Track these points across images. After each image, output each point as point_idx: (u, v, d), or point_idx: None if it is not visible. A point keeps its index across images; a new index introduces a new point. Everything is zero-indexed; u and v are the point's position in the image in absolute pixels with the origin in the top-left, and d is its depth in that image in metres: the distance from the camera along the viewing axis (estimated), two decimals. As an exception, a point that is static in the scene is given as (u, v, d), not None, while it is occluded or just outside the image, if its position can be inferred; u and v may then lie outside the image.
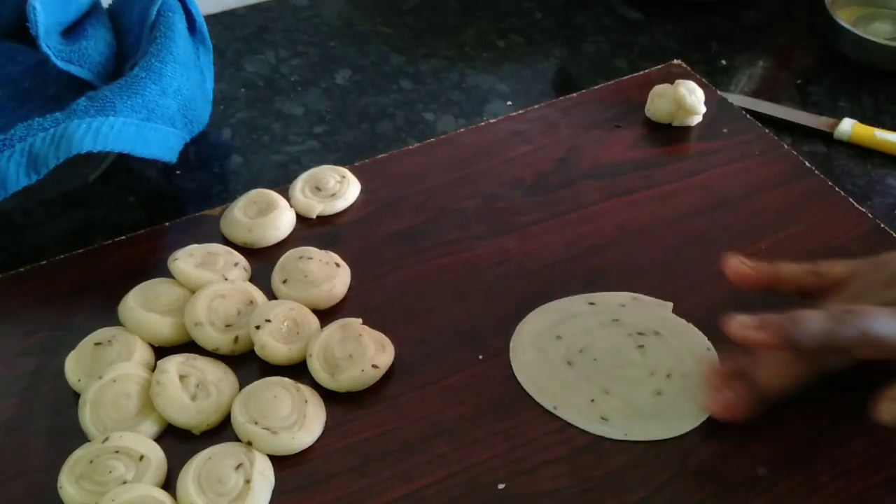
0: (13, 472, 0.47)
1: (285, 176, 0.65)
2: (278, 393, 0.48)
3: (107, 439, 0.46)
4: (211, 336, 0.51)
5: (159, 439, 0.47)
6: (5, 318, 0.55)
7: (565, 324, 0.52)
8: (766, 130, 0.66)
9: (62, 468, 0.45)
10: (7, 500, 0.46)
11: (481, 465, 0.46)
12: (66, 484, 0.44)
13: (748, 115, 0.67)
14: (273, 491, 0.45)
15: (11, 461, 0.47)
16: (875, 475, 0.45)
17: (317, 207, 0.60)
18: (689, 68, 0.71)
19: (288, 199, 0.60)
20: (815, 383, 0.47)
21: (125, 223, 0.62)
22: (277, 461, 0.46)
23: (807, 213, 0.59)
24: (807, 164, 0.63)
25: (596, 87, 0.70)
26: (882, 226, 0.58)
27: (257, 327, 0.50)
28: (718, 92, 0.69)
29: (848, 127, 0.66)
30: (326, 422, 0.48)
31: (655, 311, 0.53)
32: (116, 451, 0.45)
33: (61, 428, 0.48)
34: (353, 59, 0.77)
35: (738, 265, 0.50)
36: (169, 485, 0.45)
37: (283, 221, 0.58)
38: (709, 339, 0.51)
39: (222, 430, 0.48)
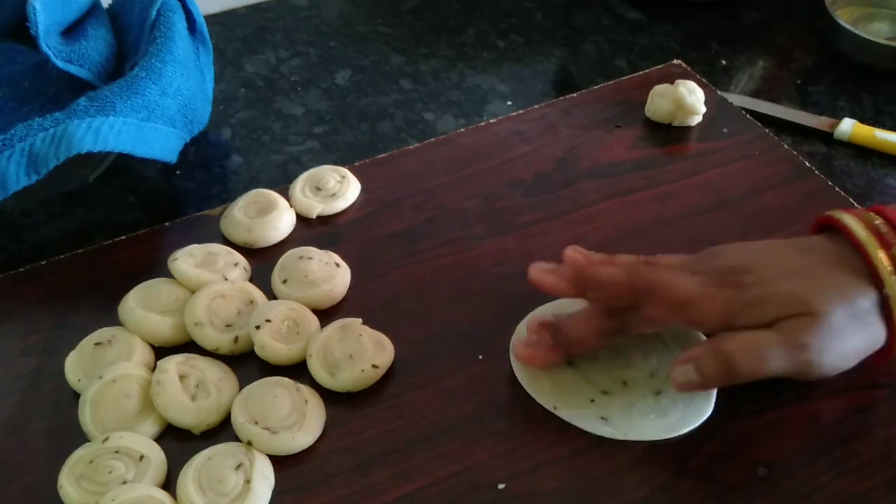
0: (13, 472, 0.47)
1: (285, 176, 0.65)
2: (278, 393, 0.48)
3: (107, 439, 0.46)
4: (211, 336, 0.51)
5: (159, 439, 0.47)
6: (5, 318, 0.55)
7: (565, 324, 0.52)
8: (766, 130, 0.66)
9: (62, 468, 0.45)
10: (7, 500, 0.46)
11: (481, 465, 0.46)
12: (66, 484, 0.44)
13: (748, 115, 0.67)
14: (273, 491, 0.45)
15: (11, 461, 0.47)
16: (875, 475, 0.45)
17: (317, 207, 0.60)
18: (689, 68, 0.71)
19: (288, 199, 0.60)
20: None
21: (125, 223, 0.62)
22: (277, 461, 0.46)
23: (807, 213, 0.59)
24: (807, 164, 0.63)
25: (596, 87, 0.70)
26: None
27: (257, 327, 0.50)
28: (718, 92, 0.69)
29: (848, 127, 0.66)
30: (326, 422, 0.48)
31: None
32: (116, 451, 0.45)
33: (61, 428, 0.48)
34: (353, 59, 0.77)
35: (572, 253, 0.51)
36: (169, 485, 0.45)
37: (283, 221, 0.58)
38: (708, 339, 0.51)
39: (222, 430, 0.48)
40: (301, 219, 0.60)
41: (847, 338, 0.44)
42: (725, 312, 0.45)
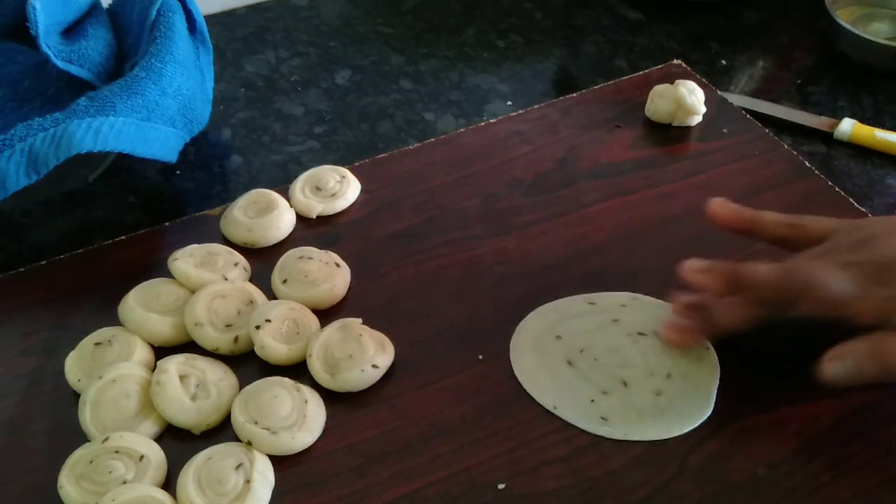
0: (13, 472, 0.47)
1: (285, 176, 0.65)
2: (278, 393, 0.48)
3: (107, 439, 0.46)
4: (211, 336, 0.51)
5: (159, 439, 0.47)
6: (5, 318, 0.55)
7: (565, 324, 0.52)
8: (766, 130, 0.66)
9: (62, 468, 0.45)
10: (7, 500, 0.46)
11: (481, 465, 0.46)
12: (66, 484, 0.44)
13: (748, 115, 0.67)
14: (273, 491, 0.45)
15: (11, 461, 0.47)
16: (875, 475, 0.45)
17: (317, 207, 0.60)
18: (689, 68, 0.71)
19: (288, 199, 0.60)
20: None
21: (125, 223, 0.62)
22: (277, 461, 0.46)
23: (807, 213, 0.59)
24: (807, 164, 0.63)
25: (596, 87, 0.70)
26: (882, 226, 0.57)
27: (257, 327, 0.50)
28: (718, 92, 0.69)
29: (848, 127, 0.66)
30: (326, 422, 0.48)
31: (655, 311, 0.53)
32: (116, 451, 0.45)
33: (61, 428, 0.48)
34: (353, 59, 0.77)
35: (721, 205, 0.52)
36: (169, 485, 0.45)
37: (283, 221, 0.58)
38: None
39: (222, 430, 0.48)
40: (301, 219, 0.60)
41: None
42: (881, 312, 0.44)
